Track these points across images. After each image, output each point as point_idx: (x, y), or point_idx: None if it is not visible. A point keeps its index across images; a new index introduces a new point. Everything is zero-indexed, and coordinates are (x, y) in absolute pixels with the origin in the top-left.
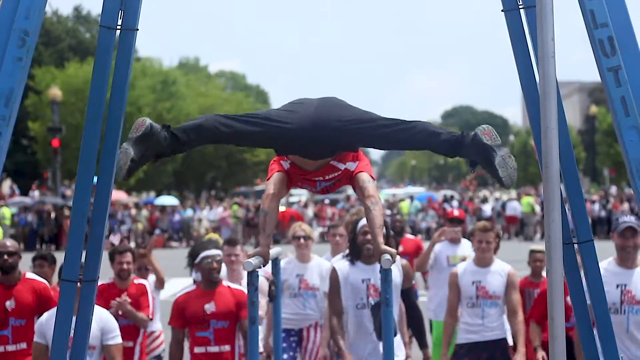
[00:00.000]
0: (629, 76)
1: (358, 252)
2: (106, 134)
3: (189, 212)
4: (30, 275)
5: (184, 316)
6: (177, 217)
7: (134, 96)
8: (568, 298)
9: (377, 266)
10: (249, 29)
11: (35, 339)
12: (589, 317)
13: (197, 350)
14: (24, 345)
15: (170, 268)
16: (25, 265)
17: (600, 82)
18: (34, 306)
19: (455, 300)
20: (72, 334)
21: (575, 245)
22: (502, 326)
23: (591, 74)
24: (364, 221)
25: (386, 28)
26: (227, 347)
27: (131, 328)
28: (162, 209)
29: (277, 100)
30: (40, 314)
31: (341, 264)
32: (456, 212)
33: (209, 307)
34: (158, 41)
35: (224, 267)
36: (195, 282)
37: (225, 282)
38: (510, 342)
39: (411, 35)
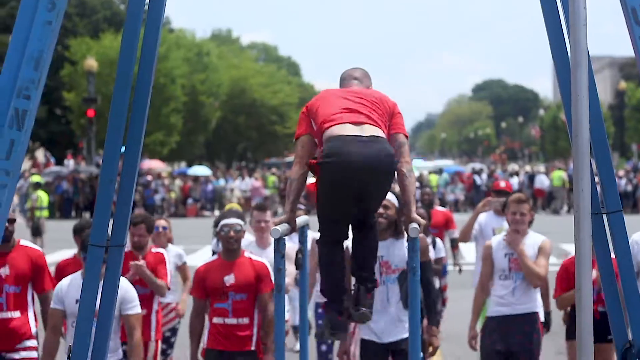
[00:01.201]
0: None
1: None
2: (134, 100)
3: (221, 182)
4: (24, 242)
5: (204, 287)
6: (209, 187)
7: (167, 67)
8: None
9: (390, 242)
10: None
11: (53, 305)
12: (617, 288)
13: (215, 320)
14: (17, 314)
15: (202, 236)
16: (65, 233)
17: (631, 57)
18: (28, 273)
19: (488, 273)
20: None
21: (604, 216)
22: (534, 299)
23: (622, 49)
24: None
25: (418, 2)
26: (245, 320)
27: (147, 296)
28: (195, 178)
29: (309, 72)
30: (35, 282)
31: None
32: (502, 184)
33: (228, 279)
34: (191, 13)
35: (251, 235)
36: (214, 252)
37: (247, 254)
38: (542, 316)
39: (441, 10)
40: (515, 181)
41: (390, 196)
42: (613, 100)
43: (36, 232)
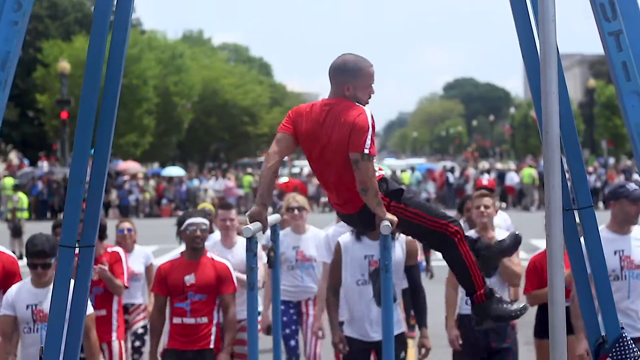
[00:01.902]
0: (630, 41)
1: None
2: (103, 101)
3: (195, 183)
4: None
5: (166, 284)
6: (183, 188)
7: (140, 69)
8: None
9: None
10: (251, 0)
11: (3, 311)
12: (589, 284)
13: (174, 320)
14: None
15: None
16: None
17: (601, 55)
18: (0, 279)
19: None
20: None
21: (576, 212)
22: (506, 295)
23: (592, 47)
24: None
25: (390, 3)
26: (204, 320)
27: (105, 296)
28: (169, 179)
29: (281, 72)
30: (6, 288)
31: (346, 237)
32: (485, 182)
33: (189, 279)
34: (161, 13)
35: (217, 233)
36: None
37: (209, 254)
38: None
39: (413, 10)
40: (485, 178)
41: None
42: (583, 98)
43: (17, 233)
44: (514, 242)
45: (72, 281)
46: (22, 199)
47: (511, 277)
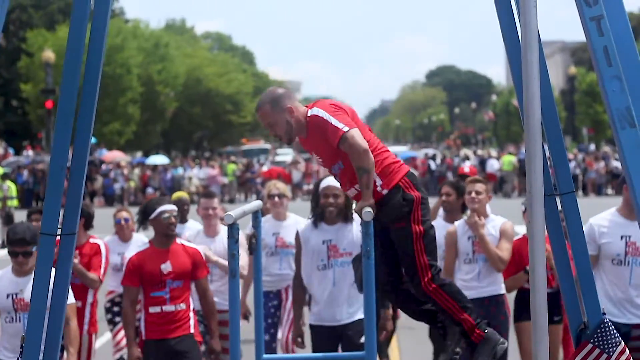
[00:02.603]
0: (611, 26)
1: (321, 213)
2: (84, 88)
3: (179, 171)
4: None
5: (140, 275)
6: (168, 176)
7: (123, 58)
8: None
9: (339, 226)
10: None
11: None
12: (571, 269)
13: (152, 310)
14: None
15: None
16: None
17: (582, 42)
18: None
19: (452, 259)
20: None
21: (557, 197)
22: (499, 282)
23: (573, 34)
24: (325, 182)
25: None
26: (182, 306)
27: (79, 287)
28: (154, 167)
29: (263, 61)
30: None
31: (304, 225)
32: (466, 169)
33: (166, 267)
34: (143, 2)
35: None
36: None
37: (179, 240)
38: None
39: None
40: (467, 165)
41: (337, 183)
42: (565, 85)
43: (9, 221)
44: None
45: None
46: (11, 187)
47: (495, 262)
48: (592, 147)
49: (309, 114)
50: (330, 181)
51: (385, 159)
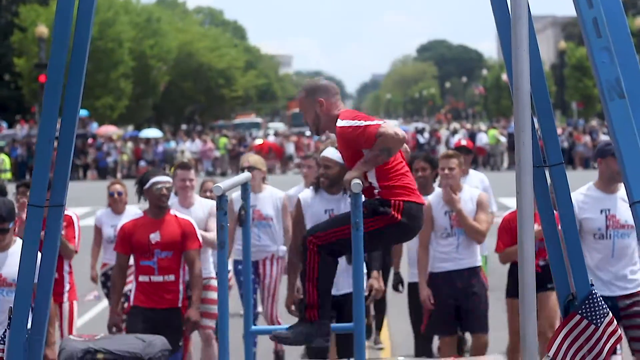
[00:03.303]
0: None
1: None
2: (72, 60)
3: (172, 144)
4: None
5: (130, 243)
6: (160, 149)
7: (115, 32)
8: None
9: (340, 196)
10: None
11: None
12: (559, 240)
13: (141, 278)
14: None
15: None
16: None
17: (573, 17)
18: None
19: (428, 233)
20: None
21: (546, 169)
22: (476, 254)
23: (564, 8)
24: (325, 152)
25: None
26: (171, 277)
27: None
28: (147, 141)
29: (255, 35)
30: None
31: (306, 193)
32: (464, 142)
33: (154, 237)
34: None
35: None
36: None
37: (172, 211)
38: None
39: None
40: (456, 139)
41: (331, 154)
42: (556, 59)
43: (1, 193)
44: None
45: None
46: (5, 160)
47: (474, 235)
48: (582, 122)
49: (338, 124)
50: (327, 152)
51: (403, 179)
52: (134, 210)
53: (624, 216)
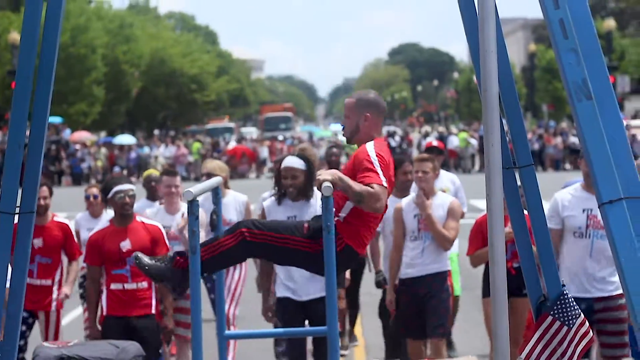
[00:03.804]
0: None
1: (284, 192)
2: (40, 66)
3: (145, 150)
4: None
5: (100, 254)
6: (134, 155)
7: (88, 38)
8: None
9: (301, 203)
10: None
11: None
12: (530, 242)
13: (113, 287)
14: None
15: None
16: None
17: (543, 19)
18: None
19: (400, 234)
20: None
21: (516, 171)
22: (443, 259)
23: (535, 11)
24: (285, 162)
25: None
26: (144, 284)
27: (50, 266)
28: (121, 147)
29: (226, 40)
30: None
31: (268, 201)
32: (435, 142)
33: (125, 245)
34: None
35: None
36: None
37: (138, 218)
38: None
39: None
40: (434, 139)
41: (295, 163)
42: (527, 62)
43: None
44: None
45: None
46: None
47: (442, 241)
48: (553, 124)
49: (365, 147)
50: (290, 161)
51: (366, 231)
52: (111, 214)
53: None
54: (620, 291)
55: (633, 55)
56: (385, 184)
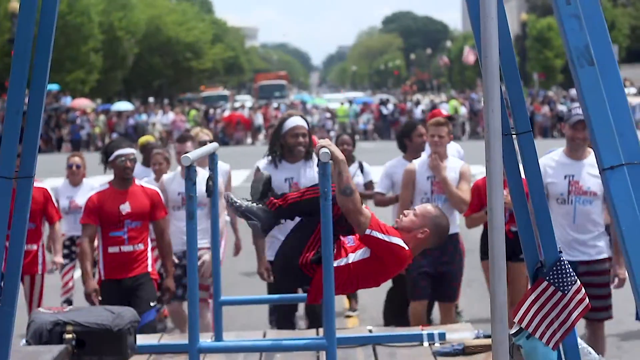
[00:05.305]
0: None
1: (289, 150)
2: (39, 32)
3: (143, 117)
4: None
5: (99, 214)
6: (131, 122)
7: (83, 5)
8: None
9: (300, 163)
10: None
11: None
12: (527, 207)
13: (110, 250)
14: None
15: None
16: None
17: None
18: None
19: (408, 198)
20: None
21: (514, 137)
22: (454, 221)
23: None
24: (291, 122)
25: None
26: (140, 246)
27: (33, 232)
28: (119, 114)
29: (221, 9)
30: None
31: (263, 162)
32: (444, 112)
33: (124, 208)
34: None
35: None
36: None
37: (138, 182)
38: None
39: None
40: (419, 110)
41: (304, 122)
42: (519, 31)
43: None
44: None
45: None
46: None
47: (457, 203)
48: (543, 92)
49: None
50: (298, 120)
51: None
52: (90, 183)
53: (587, 183)
54: (603, 255)
55: (624, 25)
56: (387, 239)
